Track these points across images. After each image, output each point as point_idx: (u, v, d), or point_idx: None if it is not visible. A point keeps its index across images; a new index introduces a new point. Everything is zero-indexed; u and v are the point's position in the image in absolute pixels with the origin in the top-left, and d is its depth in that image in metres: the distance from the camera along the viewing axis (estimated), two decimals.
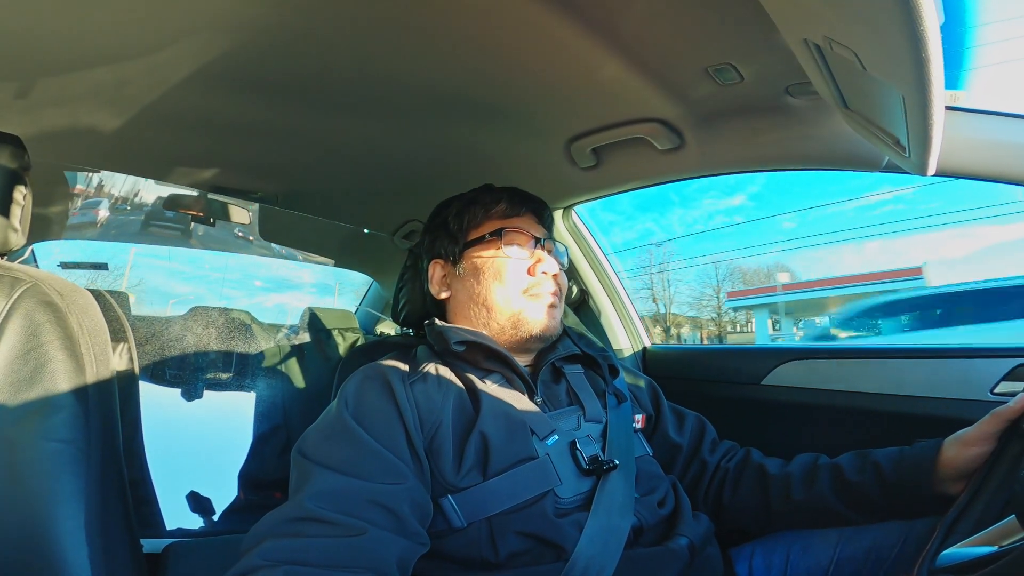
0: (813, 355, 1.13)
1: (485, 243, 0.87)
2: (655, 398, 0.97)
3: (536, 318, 0.84)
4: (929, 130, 0.55)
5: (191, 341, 1.58)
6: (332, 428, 0.71)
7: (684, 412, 0.98)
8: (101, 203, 1.77)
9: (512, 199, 0.91)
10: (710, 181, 1.22)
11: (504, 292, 0.84)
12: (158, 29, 0.76)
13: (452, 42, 0.79)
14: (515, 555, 0.67)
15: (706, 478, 0.91)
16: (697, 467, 0.92)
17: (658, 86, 0.88)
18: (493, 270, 0.85)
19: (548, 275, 0.86)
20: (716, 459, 0.91)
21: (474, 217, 0.89)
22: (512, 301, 0.84)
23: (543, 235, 0.90)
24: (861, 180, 13.93)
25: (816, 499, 0.78)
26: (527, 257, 0.87)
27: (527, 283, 0.85)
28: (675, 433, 0.93)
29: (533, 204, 0.92)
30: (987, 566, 0.44)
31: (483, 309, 0.85)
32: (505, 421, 0.74)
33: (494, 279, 0.85)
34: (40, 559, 0.58)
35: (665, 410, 0.96)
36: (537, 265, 0.86)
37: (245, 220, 1.65)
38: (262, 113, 0.98)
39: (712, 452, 0.93)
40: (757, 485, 0.85)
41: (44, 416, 0.62)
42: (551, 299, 0.85)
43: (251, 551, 0.57)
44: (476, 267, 0.87)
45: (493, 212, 0.89)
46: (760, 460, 0.88)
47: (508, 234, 0.86)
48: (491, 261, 0.86)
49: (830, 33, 0.52)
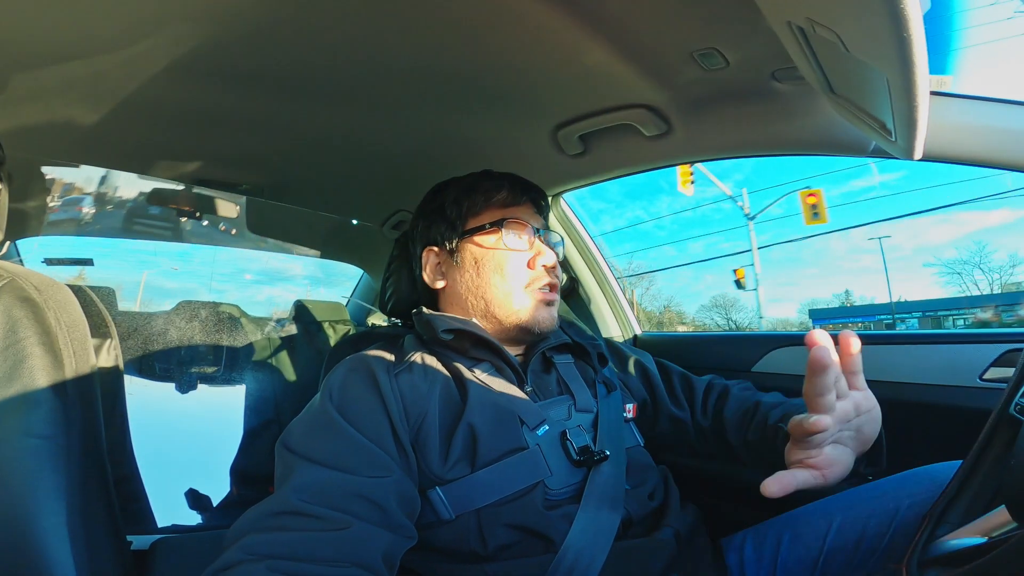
0: (803, 341, 1.13)
1: (485, 232, 0.85)
2: (648, 380, 0.96)
3: (536, 315, 0.83)
4: (914, 113, 0.54)
5: (178, 336, 1.57)
6: (316, 421, 0.70)
7: (671, 378, 0.97)
8: (85, 199, 1.75)
9: (513, 187, 0.89)
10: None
11: (504, 286, 0.83)
12: (133, 20, 0.74)
13: (437, 29, 0.78)
14: (504, 547, 0.67)
15: (711, 437, 0.92)
16: (699, 431, 0.93)
17: (644, 72, 0.87)
18: (494, 262, 0.84)
19: (547, 268, 0.84)
20: (710, 419, 0.92)
21: (474, 204, 0.87)
22: (513, 296, 0.83)
23: (541, 225, 0.89)
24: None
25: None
26: (527, 249, 0.85)
27: (528, 277, 0.84)
28: (675, 407, 0.94)
29: (532, 193, 0.91)
30: (978, 557, 0.44)
31: (481, 301, 0.84)
32: (494, 411, 0.73)
33: (494, 272, 0.83)
34: (23, 556, 0.57)
35: (661, 388, 0.95)
36: (537, 258, 0.84)
37: (232, 213, 1.63)
38: (244, 103, 0.97)
39: (705, 414, 0.93)
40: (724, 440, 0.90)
41: (23, 412, 0.61)
42: (551, 294, 0.85)
43: (233, 545, 0.56)
44: (475, 257, 0.85)
45: (494, 200, 0.87)
46: (727, 412, 0.90)
47: (509, 225, 0.84)
48: (491, 252, 0.84)
49: (812, 15, 0.51)
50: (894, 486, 0.74)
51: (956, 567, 0.48)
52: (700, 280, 37.04)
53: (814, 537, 0.76)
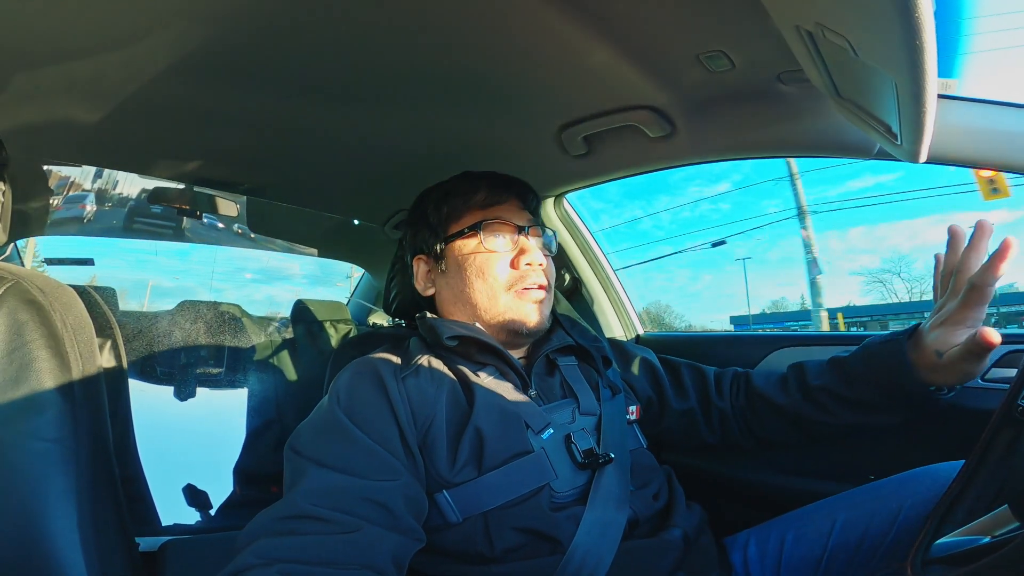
0: (806, 342, 1.14)
1: (465, 236, 0.83)
2: (653, 377, 0.95)
3: (522, 315, 0.81)
4: (922, 117, 0.54)
5: (180, 336, 1.57)
6: (324, 424, 0.70)
7: (679, 371, 0.97)
8: (87, 197, 1.74)
9: (493, 185, 0.87)
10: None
11: (488, 290, 0.81)
12: (134, 20, 0.74)
13: (440, 28, 0.78)
14: (511, 550, 0.68)
15: (732, 421, 0.92)
16: (718, 416, 0.92)
17: (649, 73, 0.87)
18: (475, 267, 0.82)
19: (533, 266, 0.82)
20: (728, 401, 0.92)
21: (454, 209, 0.86)
22: (497, 299, 0.81)
23: (527, 222, 0.86)
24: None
25: (842, 420, 0.82)
26: (510, 249, 0.83)
27: (511, 278, 0.82)
28: (681, 402, 0.93)
29: (516, 188, 0.88)
30: (982, 558, 0.44)
31: (469, 307, 0.83)
32: (499, 415, 0.73)
33: (477, 276, 0.82)
34: (35, 559, 0.58)
35: (666, 384, 0.95)
36: (520, 257, 0.82)
37: (233, 212, 1.63)
38: (244, 103, 0.96)
39: (721, 396, 0.93)
40: (769, 411, 0.88)
41: (30, 416, 0.61)
42: (538, 293, 0.82)
43: (245, 549, 0.57)
44: (459, 263, 0.83)
45: (473, 202, 0.85)
46: (758, 383, 0.90)
47: (488, 226, 0.83)
48: (473, 257, 0.83)
49: (822, 20, 0.51)
50: (897, 486, 0.75)
51: (959, 567, 0.49)
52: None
53: (817, 536, 0.77)
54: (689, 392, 0.94)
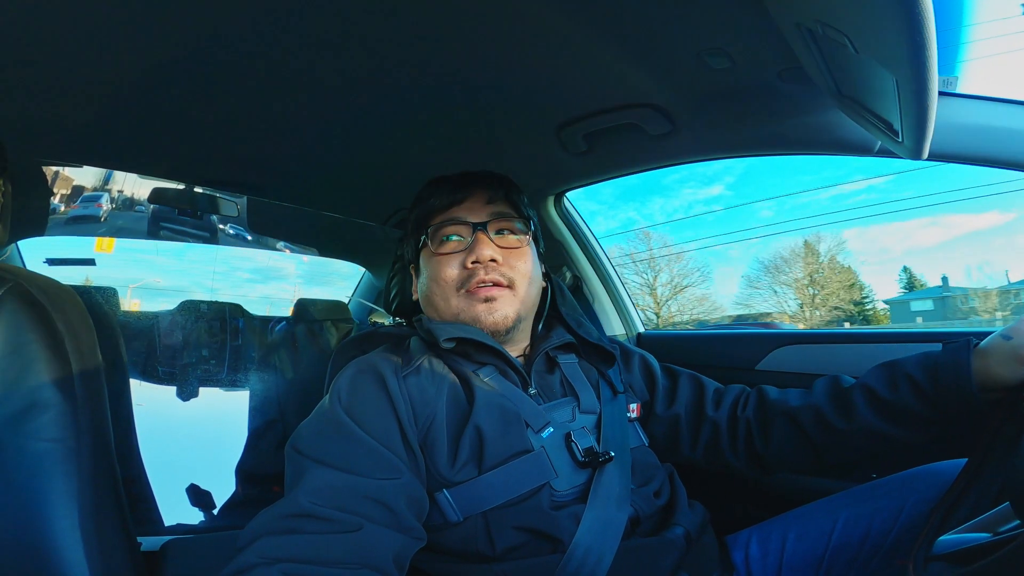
0: (807, 339, 1.14)
1: (426, 243, 0.85)
2: (649, 380, 0.94)
3: (473, 315, 0.80)
4: (923, 114, 0.54)
5: (182, 335, 1.57)
6: (326, 423, 0.70)
7: (678, 376, 0.94)
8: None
9: (453, 187, 0.86)
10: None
11: (441, 292, 0.82)
12: (134, 20, 0.74)
13: (441, 27, 0.78)
14: (511, 548, 0.68)
15: (723, 435, 0.87)
16: (708, 428, 0.87)
17: (649, 71, 0.87)
18: (431, 271, 0.84)
19: (482, 264, 0.80)
20: (726, 412, 0.87)
21: (419, 217, 0.87)
22: (449, 300, 0.82)
23: (488, 216, 0.83)
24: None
25: (862, 425, 0.75)
26: (463, 249, 0.82)
27: (460, 278, 0.81)
28: (668, 406, 0.90)
29: (479, 185, 0.86)
30: (984, 556, 0.44)
31: (433, 310, 0.84)
32: (499, 414, 0.73)
33: (432, 280, 0.83)
34: (37, 559, 0.58)
35: (659, 387, 0.92)
36: (468, 256, 0.81)
37: (233, 213, 1.62)
38: (245, 103, 0.96)
39: (717, 407, 0.88)
40: (789, 426, 0.81)
41: (32, 416, 0.61)
42: (487, 290, 0.80)
43: (246, 548, 0.56)
44: (424, 268, 0.86)
45: (432, 207, 0.85)
46: (779, 398, 0.84)
47: (439, 230, 0.84)
48: (430, 261, 0.84)
49: (823, 17, 0.51)
50: (899, 484, 0.75)
51: (962, 564, 0.49)
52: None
53: (819, 534, 0.77)
54: (679, 400, 0.90)
